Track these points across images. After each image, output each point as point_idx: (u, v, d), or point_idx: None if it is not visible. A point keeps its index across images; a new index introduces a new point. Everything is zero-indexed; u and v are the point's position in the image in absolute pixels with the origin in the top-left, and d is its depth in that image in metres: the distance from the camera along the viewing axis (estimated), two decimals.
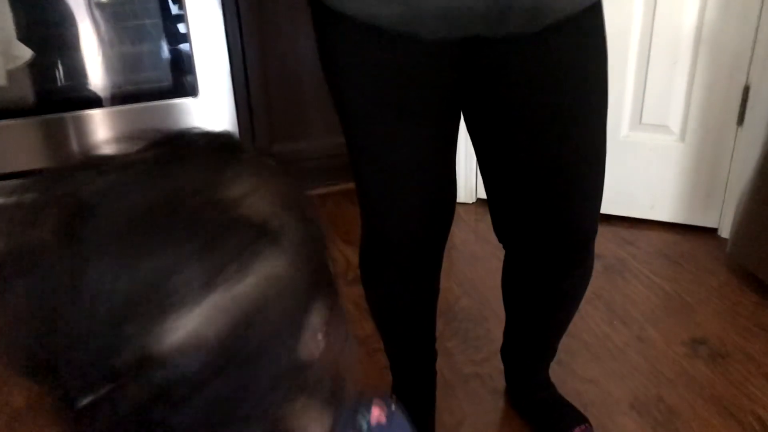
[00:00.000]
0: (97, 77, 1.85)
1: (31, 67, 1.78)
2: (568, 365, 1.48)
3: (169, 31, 1.86)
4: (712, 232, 1.96)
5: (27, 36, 1.73)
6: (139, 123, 1.87)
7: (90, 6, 1.77)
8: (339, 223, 2.07)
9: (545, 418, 1.32)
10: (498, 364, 1.41)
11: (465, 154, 2.00)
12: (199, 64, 1.88)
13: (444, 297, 1.72)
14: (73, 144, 1.83)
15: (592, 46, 0.94)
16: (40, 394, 0.38)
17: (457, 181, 1.08)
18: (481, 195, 2.22)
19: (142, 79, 1.89)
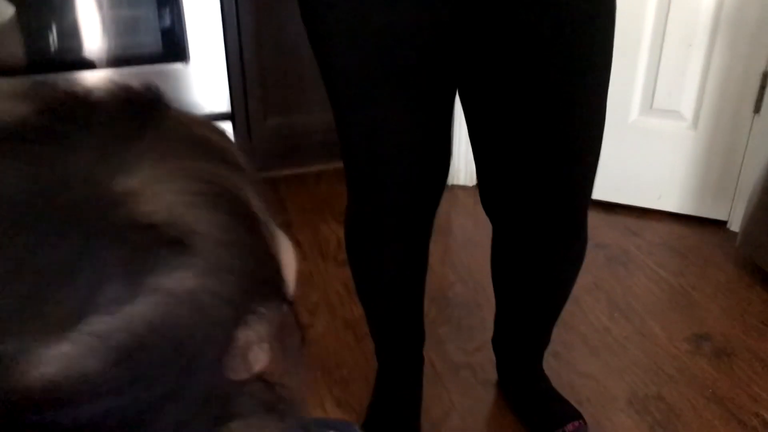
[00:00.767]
0: (84, 39, 1.77)
1: (17, 26, 1.71)
2: (564, 358, 1.41)
3: None
4: (722, 225, 1.89)
5: None
6: None
7: None
8: (333, 203, 2.01)
9: (537, 413, 1.26)
10: (491, 355, 1.34)
11: (466, 135, 1.91)
12: (191, 30, 1.80)
13: (438, 283, 1.66)
14: None
15: (602, 6, 0.87)
16: None
17: (452, 152, 1.03)
18: None
19: (130, 42, 1.80)
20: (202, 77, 1.86)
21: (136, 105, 0.35)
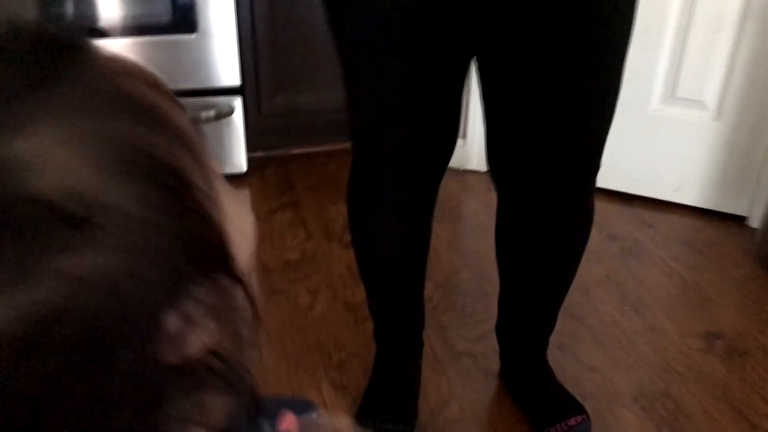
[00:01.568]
0: (99, 7, 1.74)
1: None
2: (570, 350, 1.37)
3: None
4: (741, 221, 1.82)
5: None
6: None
7: None
8: (342, 184, 1.94)
9: (539, 405, 1.22)
10: (494, 344, 1.31)
11: (480, 117, 1.86)
12: (203, 1, 1.75)
13: (443, 268, 1.62)
14: None
15: None
16: None
17: (459, 125, 1.02)
18: None
19: (141, 11, 1.77)
20: (213, 50, 1.82)
21: (48, 48, 0.29)
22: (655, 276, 1.62)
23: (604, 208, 1.84)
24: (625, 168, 1.86)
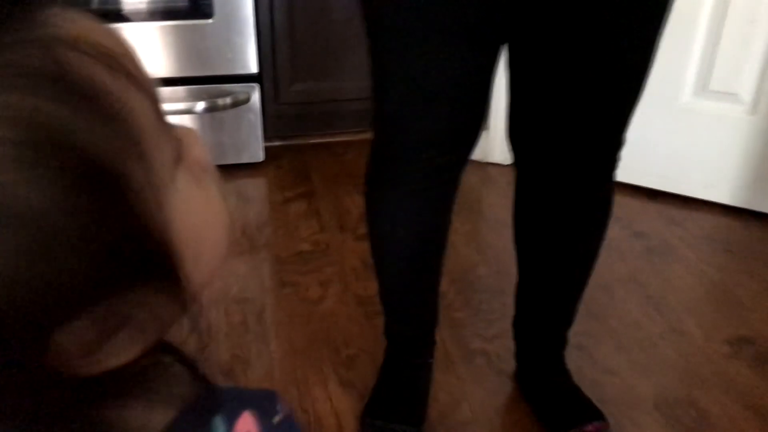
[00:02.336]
0: None
1: None
2: (589, 352, 1.31)
3: None
4: None
5: None
6: (148, 45, 1.73)
7: None
8: (358, 175, 1.90)
9: (554, 409, 1.17)
10: (509, 344, 1.26)
11: (503, 110, 1.80)
12: None
13: (460, 263, 1.57)
14: None
15: None
16: None
17: (488, 112, 1.01)
18: None
19: None
20: (230, 36, 1.79)
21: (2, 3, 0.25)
22: (681, 276, 1.56)
23: (629, 205, 1.77)
24: (653, 163, 1.79)
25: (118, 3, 1.74)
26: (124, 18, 1.73)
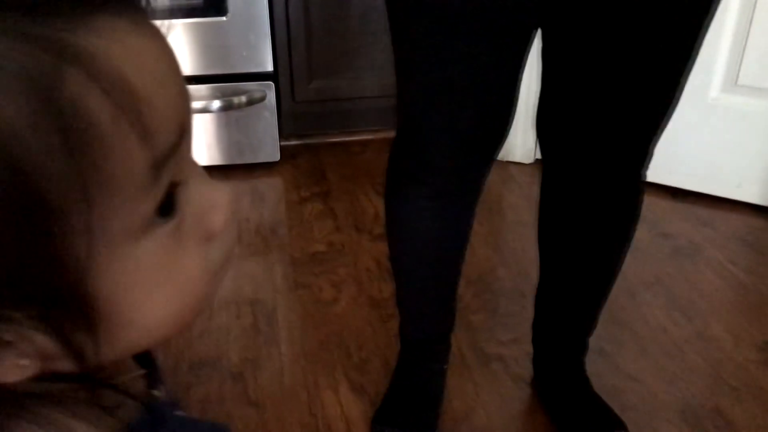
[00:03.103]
0: None
1: None
2: (611, 357, 1.27)
3: None
4: None
5: None
6: None
7: None
8: (375, 175, 1.89)
9: (573, 417, 1.13)
10: (527, 349, 1.22)
11: (526, 111, 1.75)
12: None
13: (478, 264, 1.53)
14: None
15: None
16: None
17: (514, 112, 0.96)
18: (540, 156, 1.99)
19: None
20: (245, 34, 1.77)
21: None
22: (709, 279, 1.50)
23: (655, 205, 1.72)
24: (680, 161, 1.73)
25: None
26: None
